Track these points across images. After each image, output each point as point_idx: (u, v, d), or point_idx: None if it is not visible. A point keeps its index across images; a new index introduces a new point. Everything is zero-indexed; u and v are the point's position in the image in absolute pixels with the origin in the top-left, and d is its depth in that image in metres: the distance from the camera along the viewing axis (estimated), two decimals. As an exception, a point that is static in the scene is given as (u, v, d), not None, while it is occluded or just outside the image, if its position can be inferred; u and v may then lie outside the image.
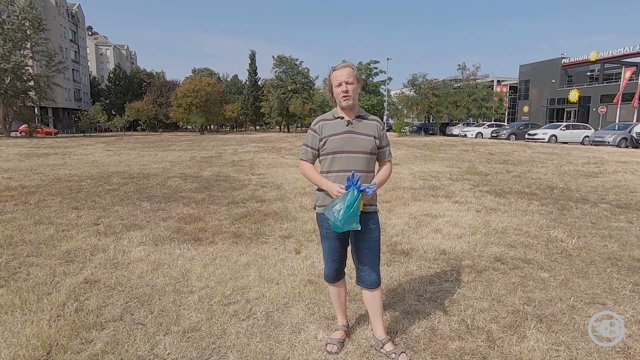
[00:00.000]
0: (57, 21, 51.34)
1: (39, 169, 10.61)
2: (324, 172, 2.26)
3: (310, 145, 2.29)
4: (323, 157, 2.28)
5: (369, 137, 2.24)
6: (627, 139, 21.28)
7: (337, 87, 2.21)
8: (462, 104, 37.44)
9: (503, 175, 9.59)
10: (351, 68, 2.22)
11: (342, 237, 2.31)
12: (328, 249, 2.34)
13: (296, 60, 47.98)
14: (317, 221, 2.37)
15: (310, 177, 2.28)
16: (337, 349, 2.32)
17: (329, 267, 2.37)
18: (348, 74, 2.19)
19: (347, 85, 2.19)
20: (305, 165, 2.31)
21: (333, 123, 2.26)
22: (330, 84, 2.27)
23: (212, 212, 5.67)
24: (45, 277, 3.30)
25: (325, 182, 2.19)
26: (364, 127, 2.25)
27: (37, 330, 2.48)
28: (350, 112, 2.26)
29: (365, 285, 2.33)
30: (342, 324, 2.49)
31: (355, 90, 2.23)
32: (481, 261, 3.78)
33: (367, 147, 2.22)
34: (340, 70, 2.21)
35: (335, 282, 2.41)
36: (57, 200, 6.42)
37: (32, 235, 4.51)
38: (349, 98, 2.20)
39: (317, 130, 2.27)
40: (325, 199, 2.25)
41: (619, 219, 5.36)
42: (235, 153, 16.25)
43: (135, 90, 61.65)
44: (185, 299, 2.96)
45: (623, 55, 38.46)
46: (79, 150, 18.00)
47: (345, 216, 1.98)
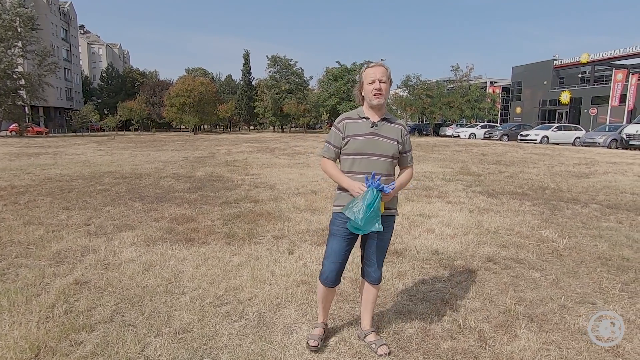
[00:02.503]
0: (49, 19, 50.79)
1: (29, 169, 10.47)
2: (344, 172, 2.24)
3: (333, 143, 2.26)
4: (344, 157, 2.26)
5: (393, 141, 2.22)
6: (617, 140, 21.57)
7: (369, 85, 2.19)
8: (456, 104, 37.72)
9: (495, 176, 9.66)
10: (385, 67, 2.21)
11: (352, 239, 2.27)
12: (335, 250, 2.25)
13: (290, 61, 47.97)
14: (331, 220, 2.32)
15: (332, 175, 2.26)
16: (318, 344, 2.32)
17: (330, 269, 2.27)
18: (382, 73, 2.18)
19: (380, 84, 2.16)
20: (328, 163, 2.29)
21: (358, 123, 2.23)
22: (360, 81, 2.25)
23: (205, 213, 5.63)
24: (34, 279, 3.26)
25: (346, 180, 2.17)
26: (388, 130, 2.23)
27: (25, 332, 2.44)
28: (377, 112, 2.24)
29: (370, 280, 2.38)
30: (322, 321, 2.48)
31: (387, 91, 2.21)
32: (473, 261, 3.80)
33: (389, 151, 2.20)
34: (374, 68, 2.19)
35: (332, 287, 2.34)
36: (48, 201, 6.34)
37: (22, 235, 4.44)
38: (381, 97, 2.17)
39: (341, 129, 2.24)
40: (345, 198, 2.22)
41: (609, 219, 5.42)
42: (228, 153, 16.18)
43: (128, 89, 61.15)
44: (176, 299, 2.93)
45: (613, 57, 38.99)
46: (70, 150, 17.81)
47: (366, 215, 1.96)
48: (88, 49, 77.71)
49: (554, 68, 44.75)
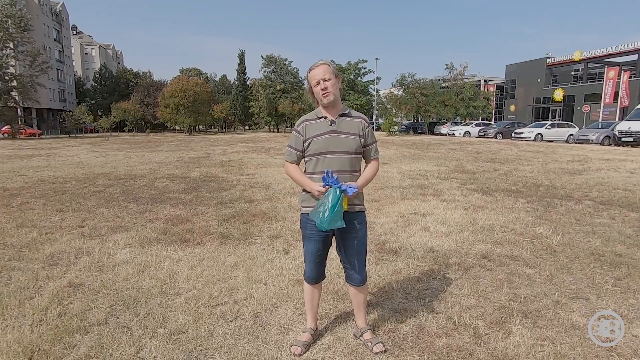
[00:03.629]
0: (41, 20, 50.31)
1: (21, 171, 10.38)
2: (309, 174, 2.24)
3: (295, 147, 2.28)
4: (308, 159, 2.26)
5: (354, 136, 2.22)
6: (610, 137, 21.76)
7: (315, 87, 2.19)
8: (450, 103, 37.91)
9: (490, 174, 9.71)
10: (327, 65, 2.20)
11: (325, 239, 2.29)
12: (310, 251, 2.31)
13: (285, 60, 47.93)
14: (301, 222, 2.34)
15: (295, 179, 2.28)
16: (302, 351, 2.28)
17: (310, 268, 2.35)
18: (324, 71, 2.17)
19: (324, 82, 2.16)
20: (290, 167, 2.30)
21: (316, 123, 2.23)
22: (309, 85, 2.25)
23: (200, 213, 5.61)
24: (27, 281, 3.23)
25: (308, 183, 2.19)
26: (347, 125, 2.23)
27: (19, 335, 2.42)
28: (333, 110, 2.23)
29: (354, 283, 2.37)
30: (311, 326, 2.44)
31: (335, 86, 2.19)
32: (468, 259, 3.82)
33: (351, 147, 2.20)
34: (315, 70, 2.19)
35: (316, 283, 2.39)
36: (41, 203, 6.29)
37: (14, 238, 4.41)
38: (329, 94, 2.16)
39: (301, 132, 2.25)
40: (310, 200, 2.24)
41: (602, 216, 5.47)
42: (224, 153, 16.13)
43: (122, 90, 60.77)
44: (171, 301, 2.92)
45: (605, 55, 39.29)
46: (63, 151, 17.67)
47: (330, 216, 1.99)
48: (81, 49, 77.08)
49: (547, 66, 45.01)
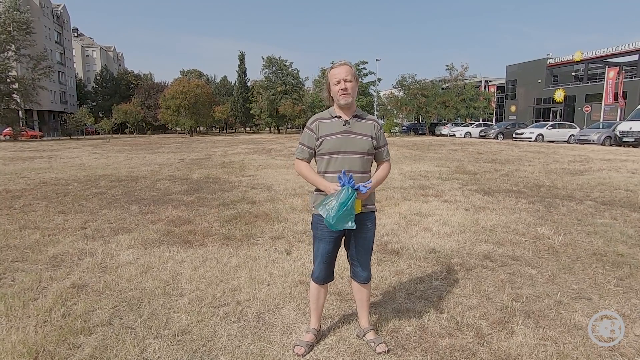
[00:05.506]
0: (42, 22, 50.45)
1: (23, 173, 10.40)
2: (321, 173, 2.25)
3: (307, 144, 2.27)
4: (319, 157, 2.26)
5: (366, 137, 2.22)
6: (611, 137, 21.75)
7: (335, 85, 2.19)
8: (451, 104, 37.84)
9: (491, 174, 9.71)
10: (349, 66, 2.21)
11: (336, 240, 2.29)
12: (321, 252, 2.31)
13: (286, 62, 47.97)
14: (312, 222, 2.33)
15: (307, 177, 2.26)
16: (305, 351, 2.28)
17: (319, 268, 2.34)
18: (347, 72, 2.18)
19: (345, 83, 2.17)
20: (302, 164, 2.29)
21: (330, 122, 2.24)
22: (327, 82, 2.25)
23: (202, 214, 5.63)
24: (31, 283, 3.24)
25: (322, 182, 2.18)
26: (361, 127, 2.24)
27: (23, 336, 2.43)
28: (347, 111, 2.25)
29: (359, 280, 2.38)
30: (314, 327, 2.44)
31: (354, 89, 2.21)
32: (470, 259, 3.82)
33: (364, 148, 2.21)
34: (338, 68, 2.20)
35: (324, 284, 2.39)
36: (43, 205, 6.31)
37: (17, 240, 4.42)
38: (348, 96, 2.18)
39: (314, 129, 2.24)
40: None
41: (603, 216, 5.47)
42: (225, 155, 16.16)
43: (123, 92, 60.83)
44: (175, 302, 2.93)
45: (606, 55, 39.26)
46: (65, 153, 17.71)
47: (339, 214, 1.96)
48: (82, 51, 77.26)
49: (547, 66, 44.99)
